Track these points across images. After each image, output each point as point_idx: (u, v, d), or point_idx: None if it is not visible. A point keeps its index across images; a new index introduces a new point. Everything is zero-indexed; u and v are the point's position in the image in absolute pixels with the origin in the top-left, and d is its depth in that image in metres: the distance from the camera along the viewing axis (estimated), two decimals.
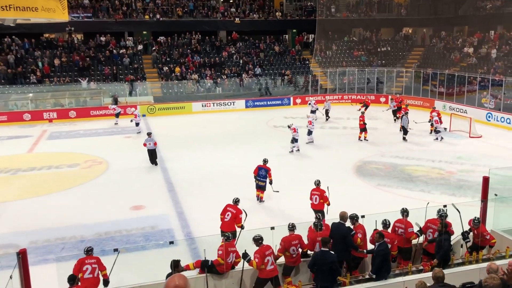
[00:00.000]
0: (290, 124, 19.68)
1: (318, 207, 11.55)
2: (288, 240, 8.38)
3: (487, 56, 31.10)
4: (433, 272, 6.30)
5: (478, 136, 21.92)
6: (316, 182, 11.81)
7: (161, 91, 31.49)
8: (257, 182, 13.85)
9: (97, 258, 8.29)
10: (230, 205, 10.61)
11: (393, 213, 9.40)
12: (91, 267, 8.12)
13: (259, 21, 36.95)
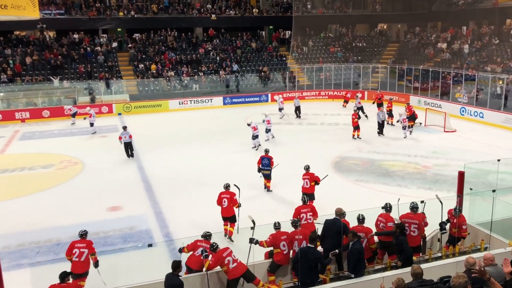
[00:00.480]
0: (249, 122, 19.78)
1: (308, 191, 12.37)
2: (276, 237, 8.42)
3: (460, 51, 31.70)
4: (411, 269, 6.35)
5: (453, 131, 22.32)
6: (305, 167, 12.74)
7: (137, 89, 31.07)
8: (263, 172, 14.42)
9: (87, 242, 8.65)
10: (223, 192, 11.22)
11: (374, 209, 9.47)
12: (79, 251, 8.50)
13: (235, 18, 36.80)
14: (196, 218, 12.53)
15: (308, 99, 32.66)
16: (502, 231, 9.29)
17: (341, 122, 24.85)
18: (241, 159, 18.45)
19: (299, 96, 29.26)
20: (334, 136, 21.89)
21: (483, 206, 9.79)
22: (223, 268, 7.92)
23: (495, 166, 12.24)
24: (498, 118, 23.28)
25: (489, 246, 9.15)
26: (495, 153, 17.42)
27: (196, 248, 8.49)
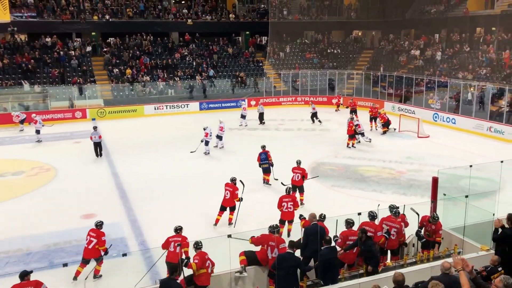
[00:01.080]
0: (205, 127, 19.68)
1: (298, 183, 13.46)
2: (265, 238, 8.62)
3: (433, 58, 32.39)
4: (393, 276, 6.37)
5: (426, 136, 22.74)
6: (298, 161, 13.86)
7: (111, 94, 30.63)
8: (262, 167, 15.41)
9: (97, 233, 9.60)
10: (227, 184, 12.11)
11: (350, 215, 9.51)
12: (89, 238, 9.64)
13: (211, 23, 36.74)
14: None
15: (285, 105, 32.81)
16: (475, 235, 9.47)
17: (318, 128, 25.04)
18: (218, 165, 18.36)
19: (263, 102, 29.23)
20: (311, 141, 22.00)
21: (456, 211, 9.97)
22: (202, 270, 7.81)
23: (468, 172, 12.49)
24: (470, 124, 23.84)
25: (462, 251, 9.31)
26: (467, 159, 17.82)
27: (169, 244, 8.80)
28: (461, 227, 9.53)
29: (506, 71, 26.96)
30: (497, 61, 28.37)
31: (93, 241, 9.47)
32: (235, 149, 20.87)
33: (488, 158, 17.45)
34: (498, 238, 7.68)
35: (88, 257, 9.54)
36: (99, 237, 9.52)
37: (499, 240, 7.56)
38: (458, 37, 32.81)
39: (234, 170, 17.30)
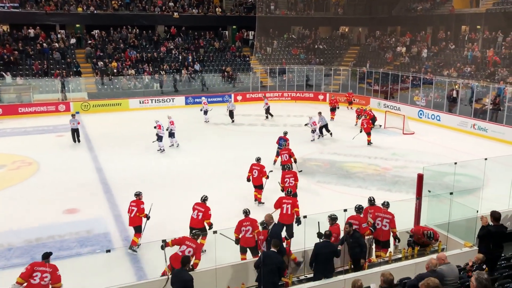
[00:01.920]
0: (157, 120, 19.26)
1: (288, 162, 14.94)
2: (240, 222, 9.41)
3: (418, 55, 32.62)
4: (383, 276, 6.39)
5: (411, 133, 22.90)
6: (283, 144, 16.29)
7: (95, 87, 30.22)
8: (278, 150, 16.98)
9: (137, 202, 10.70)
10: (254, 164, 13.46)
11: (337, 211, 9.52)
12: (130, 208, 10.65)
13: (198, 17, 36.44)
14: (157, 221, 12.24)
15: (272, 100, 32.72)
16: (458, 232, 9.55)
17: (304, 124, 25.02)
18: (202, 159, 18.25)
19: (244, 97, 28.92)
20: (297, 137, 21.96)
21: (441, 207, 10.04)
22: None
23: (452, 168, 12.60)
24: (454, 122, 24.09)
25: (446, 247, 9.39)
26: (451, 156, 17.98)
27: (182, 245, 8.30)
28: (445, 223, 9.60)
29: (490, 69, 27.28)
30: (481, 59, 28.68)
31: (134, 210, 10.50)
32: (221, 144, 20.78)
33: (472, 155, 17.65)
34: (482, 235, 7.76)
35: (133, 225, 10.60)
36: (139, 206, 10.55)
37: (483, 237, 7.64)
38: (443, 34, 33.08)
39: (221, 165, 17.28)
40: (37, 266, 7.55)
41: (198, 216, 10.16)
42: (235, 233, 9.32)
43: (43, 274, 7.51)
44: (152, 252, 9.95)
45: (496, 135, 21.70)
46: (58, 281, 7.67)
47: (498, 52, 28.03)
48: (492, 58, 27.66)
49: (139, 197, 10.78)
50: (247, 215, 9.60)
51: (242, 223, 9.37)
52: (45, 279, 7.45)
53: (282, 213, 10.54)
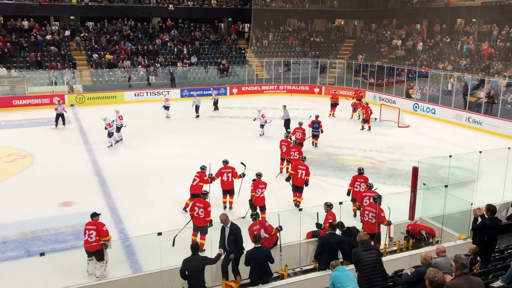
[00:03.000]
0: (104, 118, 18.78)
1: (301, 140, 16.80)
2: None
3: (414, 48, 32.62)
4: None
5: (406, 126, 22.96)
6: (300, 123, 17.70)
7: (90, 80, 30.05)
8: (313, 133, 18.74)
9: (200, 174, 12.00)
10: (223, 167, 12.43)
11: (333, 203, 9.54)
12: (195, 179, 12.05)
13: (193, 9, 36.23)
14: (152, 214, 12.27)
15: (267, 93, 32.72)
16: (453, 224, 9.62)
17: (300, 116, 24.99)
18: (198, 152, 18.21)
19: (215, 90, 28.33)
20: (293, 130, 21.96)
21: (436, 200, 10.10)
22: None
23: (447, 161, 12.66)
24: (449, 114, 24.16)
25: (441, 240, 9.45)
26: (445, 148, 18.05)
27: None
28: (440, 216, 9.66)
29: (485, 62, 27.33)
30: (476, 52, 28.72)
31: (197, 180, 11.81)
32: (216, 137, 20.74)
33: (467, 148, 17.73)
34: (477, 228, 7.81)
35: (194, 192, 11.58)
36: (202, 178, 11.83)
37: (478, 230, 7.68)
38: (439, 27, 33.07)
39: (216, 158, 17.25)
40: (87, 225, 9.07)
41: (91, 236, 9.13)
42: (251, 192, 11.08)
43: (90, 231, 8.96)
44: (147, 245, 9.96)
45: (491, 128, 21.78)
46: (105, 235, 8.97)
47: (494, 45, 28.07)
48: (488, 51, 27.69)
49: (203, 169, 12.07)
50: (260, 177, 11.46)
51: (258, 185, 11.19)
52: (92, 236, 8.89)
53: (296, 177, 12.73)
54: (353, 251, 6.62)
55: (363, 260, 6.39)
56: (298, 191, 12.83)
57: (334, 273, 6.48)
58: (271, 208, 11.60)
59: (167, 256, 8.13)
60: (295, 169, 12.77)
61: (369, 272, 6.34)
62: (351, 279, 6.39)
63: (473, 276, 5.42)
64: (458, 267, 5.28)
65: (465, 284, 5.13)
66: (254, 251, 7.77)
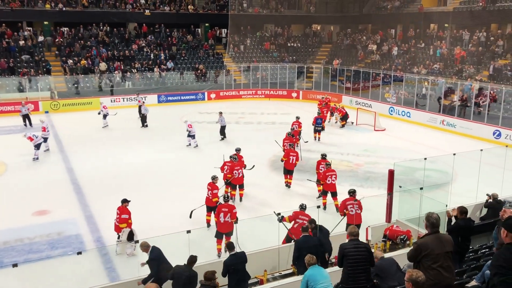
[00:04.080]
0: (42, 120, 18.85)
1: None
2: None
3: (389, 53, 33.16)
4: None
5: (382, 129, 23.28)
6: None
7: (65, 86, 29.57)
8: (316, 128, 20.87)
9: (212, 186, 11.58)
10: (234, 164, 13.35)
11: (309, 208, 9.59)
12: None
13: (170, 14, 36.06)
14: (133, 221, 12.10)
15: (245, 98, 32.77)
16: None
17: (278, 121, 25.14)
18: (175, 158, 18.12)
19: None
20: (271, 134, 22.02)
21: (412, 202, 10.26)
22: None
23: (422, 164, 12.88)
24: (424, 118, 24.61)
25: None
26: (421, 151, 18.37)
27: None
28: (416, 218, 9.81)
29: (458, 66, 27.96)
30: (449, 56, 29.37)
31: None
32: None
33: (441, 151, 18.05)
34: (452, 229, 7.94)
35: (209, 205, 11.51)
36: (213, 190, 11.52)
37: (452, 231, 7.82)
38: (413, 32, 33.72)
39: (192, 163, 17.18)
40: (118, 210, 10.40)
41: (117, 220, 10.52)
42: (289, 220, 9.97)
43: (118, 216, 10.37)
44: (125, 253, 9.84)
45: (464, 131, 22.26)
46: (122, 222, 10.22)
47: (466, 50, 28.75)
48: (461, 55, 28.33)
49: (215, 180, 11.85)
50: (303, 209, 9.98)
51: (298, 216, 9.88)
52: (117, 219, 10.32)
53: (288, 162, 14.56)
54: (342, 245, 6.55)
55: (351, 256, 6.39)
56: (289, 174, 14.79)
57: (309, 271, 6.45)
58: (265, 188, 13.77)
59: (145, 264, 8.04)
60: (287, 156, 14.59)
61: (354, 269, 6.35)
62: (325, 276, 6.40)
63: (442, 234, 5.59)
64: (428, 225, 5.47)
65: (434, 241, 5.33)
66: (231, 258, 7.74)
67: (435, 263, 5.24)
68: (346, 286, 6.41)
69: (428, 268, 5.20)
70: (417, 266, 5.27)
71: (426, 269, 5.17)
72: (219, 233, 10.12)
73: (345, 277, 6.42)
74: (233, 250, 7.83)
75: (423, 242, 5.37)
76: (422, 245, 5.34)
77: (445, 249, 5.36)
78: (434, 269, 5.22)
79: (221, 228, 10.03)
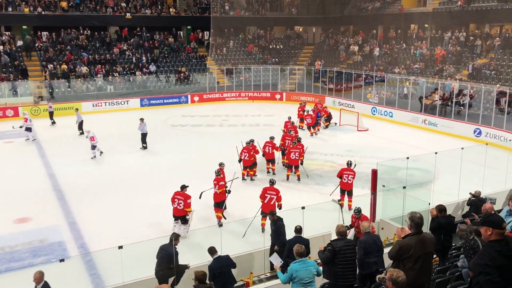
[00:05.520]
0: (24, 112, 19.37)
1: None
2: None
3: (371, 54, 33.47)
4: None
5: (365, 129, 23.47)
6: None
7: (46, 91, 29.14)
8: (318, 120, 22.16)
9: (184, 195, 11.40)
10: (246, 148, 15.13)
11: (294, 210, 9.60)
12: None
13: (151, 17, 35.85)
14: (113, 227, 11.99)
15: (229, 100, 32.74)
16: None
17: (262, 123, 25.17)
18: (158, 163, 17.98)
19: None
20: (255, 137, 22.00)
21: (395, 201, 10.35)
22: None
23: (405, 163, 13.01)
24: (406, 117, 24.88)
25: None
26: (404, 150, 18.56)
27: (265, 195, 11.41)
28: (399, 217, 9.90)
29: (438, 66, 28.35)
30: (429, 56, 29.76)
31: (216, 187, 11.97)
32: (174, 146, 20.56)
33: (423, 150, 18.27)
34: (433, 228, 8.04)
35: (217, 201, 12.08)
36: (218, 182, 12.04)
37: (434, 229, 7.91)
38: (394, 33, 34.09)
39: (175, 168, 17.08)
40: (176, 195, 11.19)
41: (180, 205, 11.26)
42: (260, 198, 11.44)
43: (178, 200, 11.10)
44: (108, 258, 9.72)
45: (445, 130, 22.58)
46: (187, 206, 11.10)
47: (446, 50, 29.16)
48: (441, 55, 28.73)
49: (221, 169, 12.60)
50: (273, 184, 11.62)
51: (266, 191, 11.39)
52: (180, 204, 11.07)
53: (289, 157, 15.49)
54: (333, 244, 6.67)
55: (343, 255, 6.55)
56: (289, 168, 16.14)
57: (295, 265, 6.39)
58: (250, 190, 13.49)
59: (129, 270, 7.96)
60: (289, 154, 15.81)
61: (344, 268, 6.54)
62: (311, 271, 6.38)
63: (426, 234, 5.57)
64: (412, 225, 5.42)
65: (417, 243, 5.30)
66: (215, 262, 7.72)
67: (416, 264, 5.25)
68: (335, 283, 6.49)
69: (409, 269, 5.18)
70: (397, 265, 5.28)
71: (407, 270, 5.16)
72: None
73: (333, 275, 6.52)
74: (216, 253, 7.79)
75: (407, 244, 5.32)
76: (405, 247, 5.30)
77: (427, 250, 5.38)
78: (414, 270, 5.22)
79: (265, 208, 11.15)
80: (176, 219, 11.29)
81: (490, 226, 4.12)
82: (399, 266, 5.21)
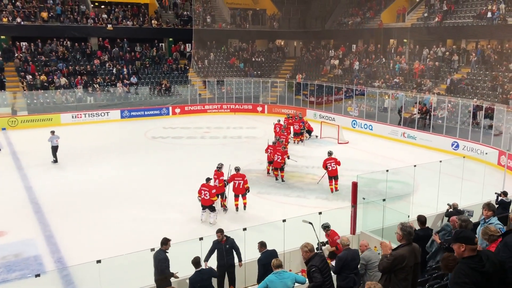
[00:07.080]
0: None
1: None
2: None
3: (351, 67, 33.93)
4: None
5: (346, 142, 23.68)
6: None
7: (24, 102, 28.68)
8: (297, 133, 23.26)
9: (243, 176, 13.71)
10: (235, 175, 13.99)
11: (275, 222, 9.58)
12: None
13: (133, 29, 35.71)
14: (92, 240, 11.77)
15: (210, 112, 32.71)
16: (392, 237, 9.90)
17: (244, 135, 25.20)
18: (139, 175, 17.79)
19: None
20: (237, 149, 22.05)
21: (375, 214, 10.42)
22: None
23: (384, 176, 13.14)
24: (386, 130, 25.20)
25: (381, 252, 9.70)
26: (383, 163, 18.74)
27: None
28: (379, 229, 9.96)
29: (417, 80, 28.88)
30: (408, 70, 30.31)
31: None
32: (154, 158, 20.39)
33: (403, 162, 18.50)
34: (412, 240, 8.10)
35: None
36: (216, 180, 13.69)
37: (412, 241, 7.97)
38: (373, 48, 34.66)
39: (155, 180, 16.94)
40: (202, 187, 12.63)
41: (206, 195, 12.57)
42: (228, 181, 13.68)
43: (204, 191, 12.52)
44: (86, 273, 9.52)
45: (424, 143, 22.92)
46: (213, 196, 12.57)
47: (424, 64, 29.75)
48: (420, 69, 29.30)
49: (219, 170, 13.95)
50: (237, 170, 13.65)
51: (234, 178, 13.46)
52: (206, 195, 12.50)
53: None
54: (342, 258, 7.19)
55: (350, 269, 7.09)
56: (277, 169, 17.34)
57: (271, 276, 6.30)
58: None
59: (107, 285, 7.80)
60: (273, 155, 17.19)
61: (349, 280, 7.02)
62: (285, 284, 6.28)
63: (414, 244, 5.53)
64: (405, 235, 5.36)
65: (410, 253, 5.32)
66: (196, 275, 7.67)
67: (408, 275, 5.22)
68: None
69: (402, 280, 5.14)
70: (388, 277, 5.24)
71: (400, 280, 5.11)
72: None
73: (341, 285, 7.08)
74: (199, 266, 7.71)
75: (401, 255, 5.25)
76: (399, 258, 5.23)
77: (417, 260, 5.38)
78: (407, 281, 5.19)
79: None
80: (204, 208, 12.75)
81: (463, 243, 4.15)
82: (391, 278, 5.17)
